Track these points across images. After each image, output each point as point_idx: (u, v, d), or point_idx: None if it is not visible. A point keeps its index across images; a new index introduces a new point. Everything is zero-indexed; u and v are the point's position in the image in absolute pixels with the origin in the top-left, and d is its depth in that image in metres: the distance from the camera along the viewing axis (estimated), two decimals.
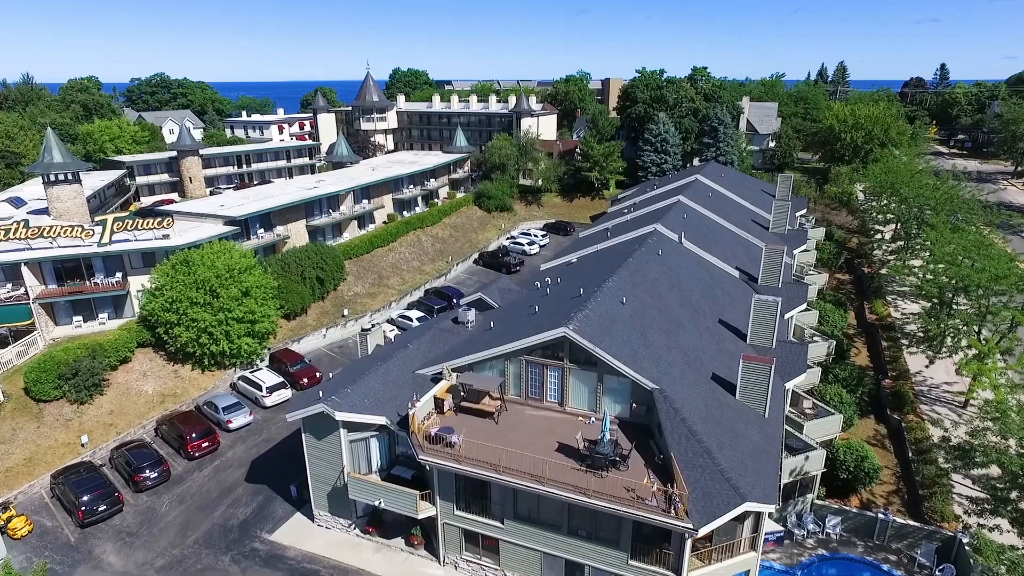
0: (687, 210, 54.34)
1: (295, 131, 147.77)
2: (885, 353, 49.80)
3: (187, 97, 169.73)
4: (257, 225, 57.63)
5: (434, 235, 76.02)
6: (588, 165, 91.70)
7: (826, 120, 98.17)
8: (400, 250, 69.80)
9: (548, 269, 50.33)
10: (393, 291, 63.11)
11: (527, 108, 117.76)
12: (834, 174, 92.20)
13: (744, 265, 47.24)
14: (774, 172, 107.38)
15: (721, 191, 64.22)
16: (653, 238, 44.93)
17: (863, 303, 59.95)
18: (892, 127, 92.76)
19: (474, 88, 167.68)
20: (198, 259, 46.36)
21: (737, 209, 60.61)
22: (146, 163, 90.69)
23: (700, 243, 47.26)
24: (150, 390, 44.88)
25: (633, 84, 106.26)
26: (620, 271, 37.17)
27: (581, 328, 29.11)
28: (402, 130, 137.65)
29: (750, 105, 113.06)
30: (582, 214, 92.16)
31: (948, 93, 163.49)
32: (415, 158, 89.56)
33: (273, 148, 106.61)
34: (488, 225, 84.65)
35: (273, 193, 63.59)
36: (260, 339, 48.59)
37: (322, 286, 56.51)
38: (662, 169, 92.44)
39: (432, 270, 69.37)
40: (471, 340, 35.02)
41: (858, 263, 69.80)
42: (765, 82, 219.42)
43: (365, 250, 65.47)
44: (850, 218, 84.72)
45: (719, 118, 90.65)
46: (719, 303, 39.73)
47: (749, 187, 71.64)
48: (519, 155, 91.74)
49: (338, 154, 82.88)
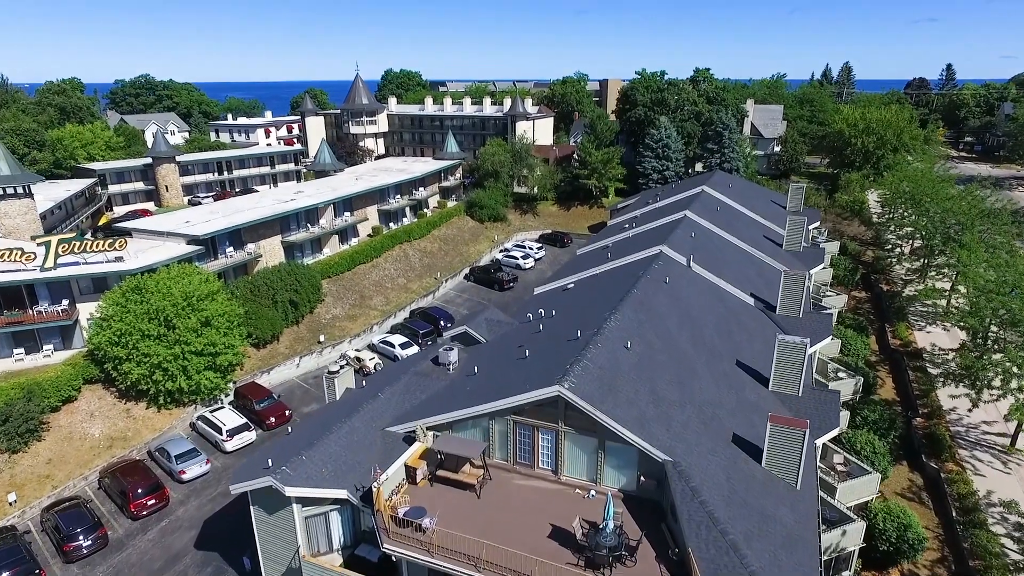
0: (695, 227, 49.67)
1: (283, 135, 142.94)
2: (913, 385, 45.25)
3: (172, 99, 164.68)
4: (226, 243, 52.84)
5: (422, 249, 71.27)
6: (586, 172, 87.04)
7: (835, 124, 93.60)
8: (385, 266, 65.04)
9: (543, 294, 45.66)
10: (376, 312, 58.34)
11: (522, 111, 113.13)
12: (844, 181, 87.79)
13: (760, 291, 42.60)
14: (780, 178, 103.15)
15: (729, 203, 59.59)
16: (659, 262, 40.25)
17: (883, 325, 55.36)
18: (905, 131, 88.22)
19: (468, 90, 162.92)
20: (152, 286, 41.64)
21: (748, 224, 55.98)
22: (119, 171, 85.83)
23: (711, 266, 42.60)
24: (97, 433, 40.10)
25: (633, 86, 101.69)
26: (623, 305, 32.49)
27: (579, 385, 24.44)
28: (393, 133, 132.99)
29: (754, 108, 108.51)
30: (579, 224, 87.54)
31: (956, 94, 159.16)
32: (403, 165, 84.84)
33: (256, 154, 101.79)
34: (480, 236, 79.92)
35: (245, 207, 58.82)
36: (223, 373, 43.84)
37: (296, 310, 51.78)
38: (664, 176, 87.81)
39: (419, 288, 64.62)
40: (452, 389, 30.31)
41: (875, 279, 65.22)
42: (767, 83, 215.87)
43: (346, 267, 60.70)
44: (863, 228, 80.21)
45: (724, 123, 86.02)
46: (735, 339, 35.08)
47: (758, 197, 67.03)
48: (513, 162, 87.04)
49: (321, 162, 78.11)
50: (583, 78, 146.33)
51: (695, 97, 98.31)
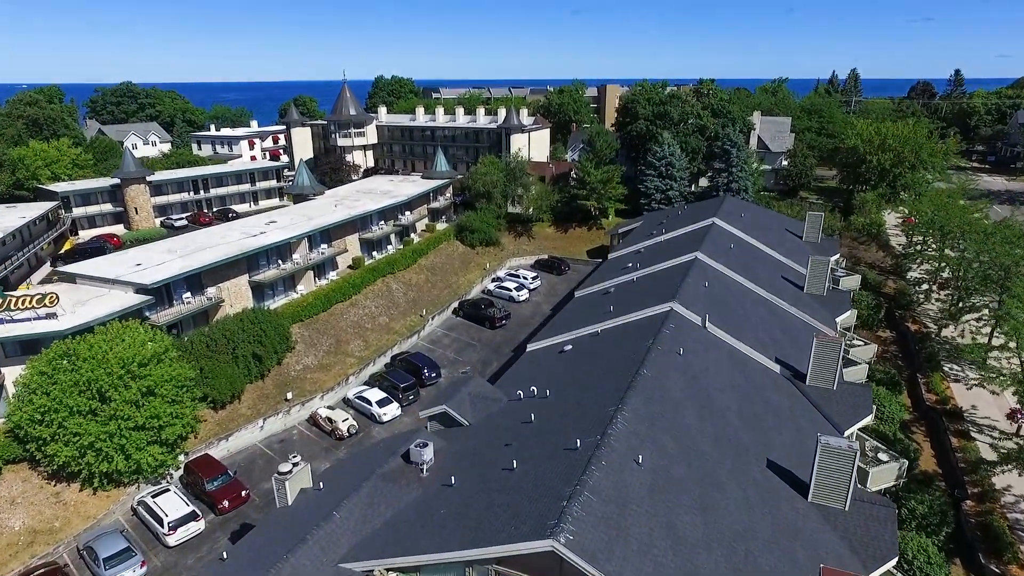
0: (707, 272, 44.24)
1: (268, 146, 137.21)
2: (958, 455, 39.86)
3: (155, 107, 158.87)
4: (183, 288, 47.24)
5: (407, 281, 65.70)
6: (584, 193, 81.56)
7: (848, 139, 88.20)
8: (365, 304, 59.47)
9: (537, 352, 40.24)
10: (353, 359, 52.79)
11: (517, 123, 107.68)
12: (859, 201, 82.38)
13: (785, 352, 37.20)
14: (789, 195, 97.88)
15: (743, 238, 54.17)
16: (671, 324, 34.79)
17: (914, 374, 49.97)
18: (923, 148, 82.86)
19: (461, 98, 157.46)
20: (85, 351, 36.04)
21: (764, 263, 50.56)
22: (84, 192, 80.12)
23: (729, 324, 37.18)
24: (17, 525, 34.51)
25: (633, 98, 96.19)
26: (631, 394, 27.04)
27: (578, 536, 19.01)
28: (382, 145, 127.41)
29: (761, 120, 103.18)
30: (578, 247, 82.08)
31: (966, 101, 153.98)
32: (389, 187, 79.26)
33: (235, 171, 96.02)
34: (471, 264, 74.38)
35: (209, 243, 53.19)
36: (171, 447, 38.27)
37: (260, 364, 46.20)
38: (667, 196, 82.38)
39: (403, 327, 59.06)
40: (423, 507, 24.79)
41: (900, 316, 59.83)
42: (768, 87, 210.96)
43: (320, 308, 55.12)
44: (881, 253, 74.88)
45: (732, 140, 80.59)
46: (763, 427, 29.63)
47: (771, 227, 61.62)
48: (507, 181, 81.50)
49: (300, 184, 72.48)
50: (581, 86, 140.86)
51: (699, 110, 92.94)
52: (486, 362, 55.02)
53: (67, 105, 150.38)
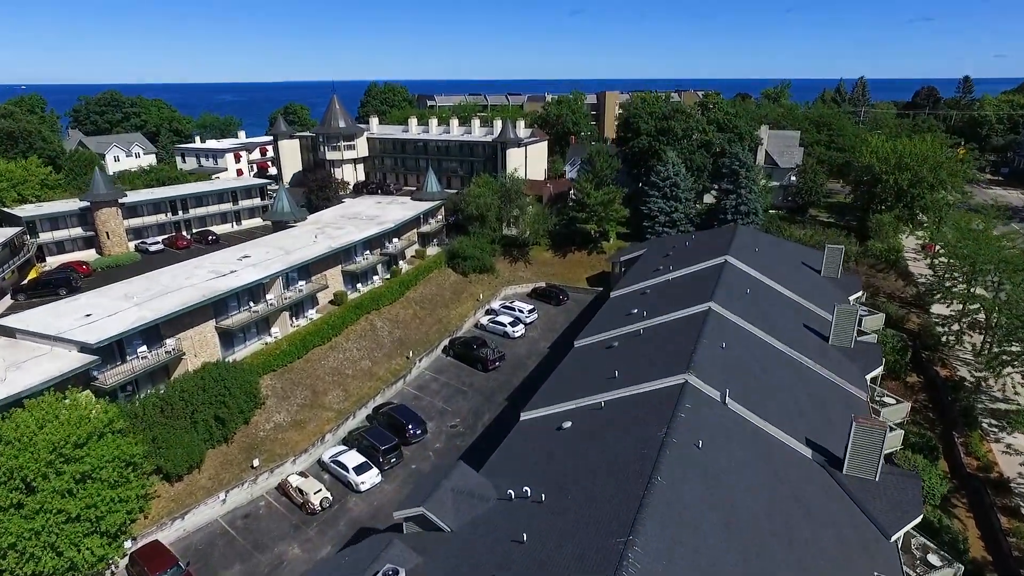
0: (723, 327, 39.47)
1: (256, 158, 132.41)
2: (1010, 540, 35.18)
3: (141, 117, 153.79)
4: (138, 342, 42.41)
5: (393, 317, 60.89)
6: (584, 216, 76.80)
7: (862, 156, 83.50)
8: (346, 346, 54.65)
9: (531, 424, 35.50)
10: (331, 413, 47.99)
11: (514, 137, 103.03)
12: (875, 223, 77.59)
13: (816, 428, 32.49)
14: (798, 213, 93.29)
15: (758, 278, 49.43)
16: (687, 404, 30.00)
17: (949, 431, 45.29)
18: (943, 167, 78.22)
19: (456, 107, 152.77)
20: (10, 432, 31.24)
21: (785, 310, 45.82)
22: (52, 216, 75.19)
23: (751, 398, 32.44)
24: None
25: (635, 112, 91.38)
26: (645, 516, 22.29)
27: None
28: (374, 159, 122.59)
29: (769, 134, 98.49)
30: (577, 273, 77.32)
31: (977, 111, 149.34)
32: (376, 210, 74.45)
33: (216, 190, 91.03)
34: (463, 294, 69.59)
35: (172, 285, 48.33)
36: (113, 537, 33.44)
37: (224, 427, 41.40)
38: (672, 219, 77.71)
39: (387, 372, 54.25)
40: None
41: (927, 358, 55.14)
42: (770, 92, 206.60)
43: (296, 354, 50.32)
44: (901, 283, 70.20)
45: (740, 160, 75.87)
46: (796, 532, 24.90)
47: (788, 261, 56.91)
48: (502, 204, 76.72)
49: (279, 211, 67.62)
50: (579, 95, 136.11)
51: (704, 124, 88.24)
52: (478, 413, 50.29)
53: (48, 115, 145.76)
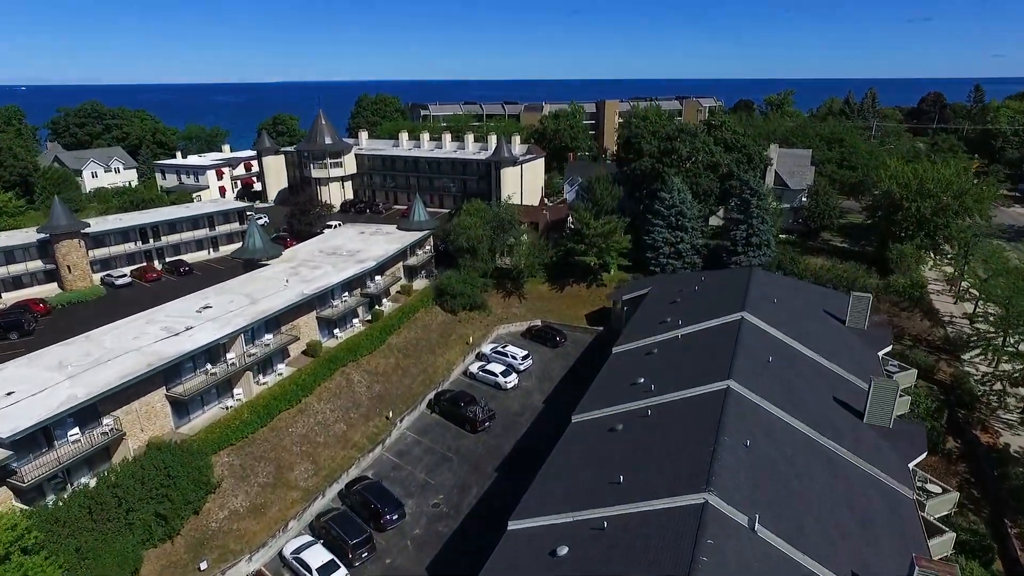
0: (744, 412, 33.98)
1: (240, 173, 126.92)
2: None
3: (123, 129, 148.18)
4: (70, 422, 36.82)
5: (373, 369, 55.33)
6: (582, 248, 71.28)
7: (881, 180, 78.07)
8: (318, 408, 49.10)
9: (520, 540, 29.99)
10: (296, 493, 42.43)
11: (508, 156, 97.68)
12: (895, 254, 72.01)
13: (858, 552, 26.99)
14: (811, 237, 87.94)
15: (779, 338, 43.95)
16: (707, 539, 24.49)
17: (999, 515, 39.83)
18: (969, 194, 72.82)
19: (450, 121, 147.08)
20: None
21: (811, 382, 40.29)
22: (6, 249, 69.56)
23: (783, 520, 26.95)
24: None
25: (637, 132, 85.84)
26: None
27: None
28: (362, 175, 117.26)
29: (779, 153, 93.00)
30: (575, 310, 71.75)
31: (989, 120, 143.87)
32: (358, 243, 68.82)
33: (191, 216, 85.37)
34: (451, 336, 64.04)
35: (116, 348, 42.71)
36: None
37: (167, 523, 35.86)
38: (677, 250, 72.24)
39: (363, 437, 48.71)
40: None
41: (963, 418, 49.70)
42: (773, 99, 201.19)
43: (259, 423, 44.77)
44: (927, 323, 64.70)
45: (752, 189, 70.38)
46: None
47: (809, 311, 51.41)
48: (494, 235, 71.16)
49: (249, 248, 61.98)
50: (578, 109, 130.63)
51: (711, 145, 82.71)
52: (464, 487, 44.74)
53: (24, 126, 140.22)
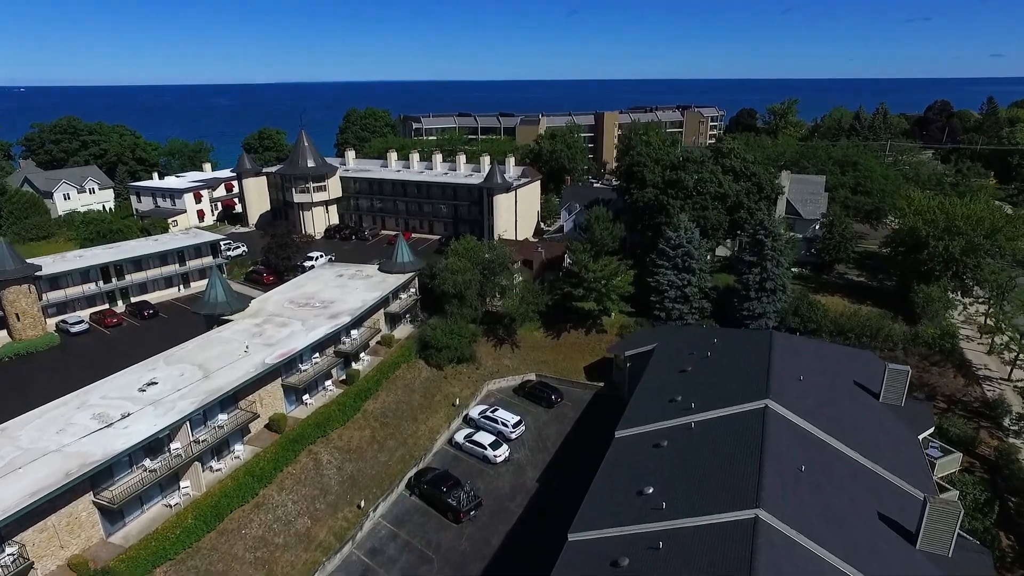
0: (779, 552, 27.82)
1: (220, 195, 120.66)
2: None
3: (100, 145, 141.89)
4: None
5: (344, 445, 49.14)
6: (581, 292, 65.17)
7: (906, 217, 72.04)
8: (278, 500, 42.87)
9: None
10: None
11: (501, 182, 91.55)
12: (922, 297, 65.83)
13: None
14: (825, 270, 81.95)
15: (811, 433, 37.81)
16: None
17: None
18: (1003, 232, 66.83)
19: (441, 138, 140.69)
20: None
21: (854, 491, 34.14)
22: None
23: None
24: None
25: (639, 160, 79.84)
26: None
27: None
28: (348, 199, 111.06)
29: (791, 180, 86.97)
30: (573, 361, 65.63)
31: (1005, 135, 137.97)
32: (335, 290, 62.58)
33: (159, 252, 79.09)
34: (436, 396, 57.89)
35: (32, 449, 36.46)
36: None
37: None
38: (684, 294, 66.16)
39: (330, 535, 42.51)
40: None
41: (1014, 508, 43.65)
42: (775, 108, 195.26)
43: (204, 528, 38.54)
44: (962, 380, 58.58)
45: (766, 229, 64.25)
46: None
47: (840, 385, 45.31)
48: (484, 279, 65.03)
49: (210, 302, 55.76)
50: (575, 129, 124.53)
51: (719, 175, 76.68)
52: None
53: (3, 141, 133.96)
